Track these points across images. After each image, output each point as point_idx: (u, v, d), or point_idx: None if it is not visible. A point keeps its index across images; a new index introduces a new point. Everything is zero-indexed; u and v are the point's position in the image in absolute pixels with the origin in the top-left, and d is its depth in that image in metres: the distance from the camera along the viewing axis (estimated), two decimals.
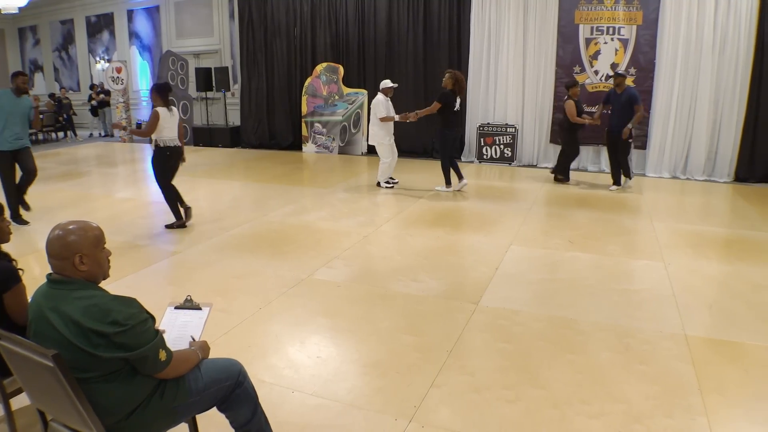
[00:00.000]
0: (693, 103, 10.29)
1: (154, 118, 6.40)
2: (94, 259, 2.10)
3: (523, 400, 3.18)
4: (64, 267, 2.05)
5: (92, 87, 17.30)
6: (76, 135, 16.85)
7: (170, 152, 6.65)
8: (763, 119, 9.88)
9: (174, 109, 6.70)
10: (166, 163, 6.68)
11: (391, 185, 9.15)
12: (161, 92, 6.54)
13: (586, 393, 3.25)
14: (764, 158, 10.02)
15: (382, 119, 8.89)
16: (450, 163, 8.84)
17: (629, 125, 8.84)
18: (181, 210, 6.80)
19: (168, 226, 6.73)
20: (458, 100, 8.63)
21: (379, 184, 9.20)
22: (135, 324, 1.99)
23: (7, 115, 6.66)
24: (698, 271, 5.40)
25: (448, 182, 8.85)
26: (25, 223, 6.86)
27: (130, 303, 2.06)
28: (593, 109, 10.04)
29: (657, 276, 5.24)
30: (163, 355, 2.09)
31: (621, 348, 3.82)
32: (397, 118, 8.94)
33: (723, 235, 6.79)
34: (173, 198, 6.76)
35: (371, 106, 9.03)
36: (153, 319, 2.13)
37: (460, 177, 8.83)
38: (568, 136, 9.60)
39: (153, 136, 6.53)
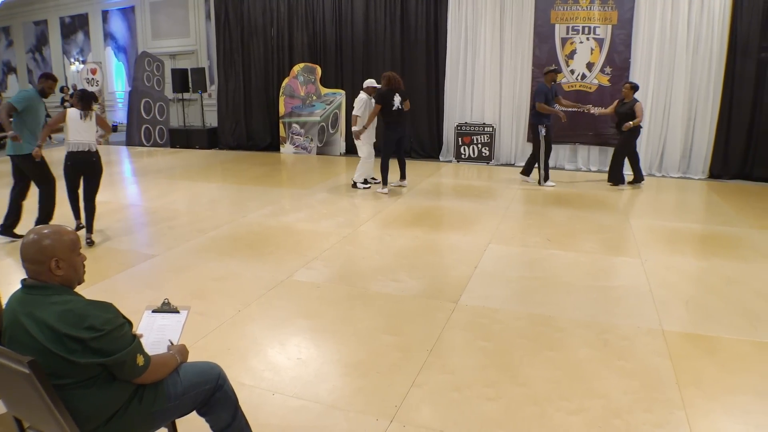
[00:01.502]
0: (668, 102, 10.44)
1: (59, 115, 6.12)
2: (70, 263, 2.07)
3: (503, 398, 3.19)
4: (39, 272, 2.01)
5: (62, 89, 17.05)
6: (50, 138, 16.59)
7: (72, 158, 6.13)
8: (736, 117, 10.07)
9: (93, 115, 6.23)
10: (67, 167, 6.21)
11: (368, 185, 9.12)
12: (82, 99, 6.18)
13: (566, 389, 3.27)
14: (738, 155, 10.20)
15: (353, 116, 8.87)
16: (384, 163, 8.77)
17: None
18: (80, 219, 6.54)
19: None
20: (397, 99, 8.56)
21: (355, 185, 9.16)
22: (111, 329, 1.97)
23: (35, 115, 6.30)
24: (674, 267, 5.47)
25: (384, 182, 8.80)
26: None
27: (107, 308, 2.03)
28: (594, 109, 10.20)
29: (634, 272, 5.30)
30: (140, 360, 2.06)
31: (599, 344, 3.85)
32: (354, 129, 8.90)
33: (698, 231, 6.88)
34: (75, 201, 6.45)
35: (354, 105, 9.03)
36: (130, 323, 2.10)
37: (385, 182, 8.78)
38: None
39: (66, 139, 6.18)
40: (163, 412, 2.19)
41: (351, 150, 12.83)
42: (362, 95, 8.93)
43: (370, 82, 9.04)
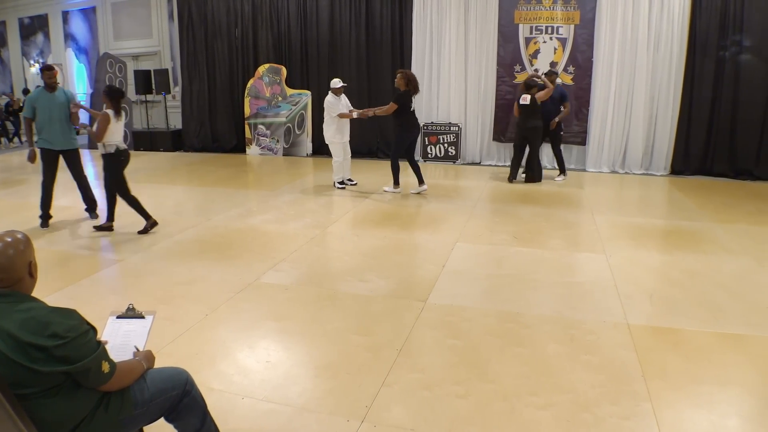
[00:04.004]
0: (630, 100, 10.62)
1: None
2: (36, 267, 2.07)
3: (473, 395, 3.21)
4: (13, 279, 1.97)
5: (26, 92, 16.65)
6: (10, 141, 16.22)
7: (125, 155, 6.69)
8: (696, 114, 10.30)
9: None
10: (121, 162, 6.68)
11: (344, 186, 9.09)
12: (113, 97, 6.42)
13: (535, 385, 3.30)
14: (698, 152, 10.44)
15: (340, 115, 8.84)
16: (395, 165, 8.74)
17: (556, 118, 9.47)
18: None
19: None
20: (413, 100, 8.54)
21: (335, 184, 9.17)
22: (75, 336, 1.92)
23: (44, 112, 6.66)
24: (638, 262, 5.56)
25: (396, 182, 8.82)
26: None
27: (70, 314, 1.99)
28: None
29: (599, 268, 5.37)
30: (106, 367, 2.02)
31: (566, 339, 3.90)
32: (355, 114, 8.86)
33: (661, 226, 7.02)
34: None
35: (324, 107, 8.97)
36: (94, 330, 2.06)
37: (397, 182, 8.78)
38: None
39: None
40: (131, 419, 2.16)
41: (318, 151, 12.80)
42: (329, 96, 8.88)
43: (334, 83, 8.93)
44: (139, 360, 2.28)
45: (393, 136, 8.89)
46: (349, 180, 9.35)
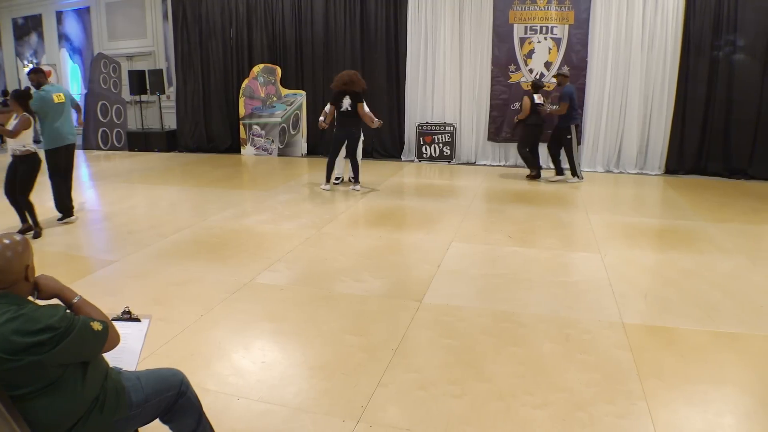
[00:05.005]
0: (624, 100, 10.66)
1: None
2: (34, 270, 2.07)
3: (469, 395, 3.21)
4: (9, 282, 1.96)
5: (4, 93, 16.50)
6: (2, 143, 16.14)
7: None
8: (690, 113, 10.33)
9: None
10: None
11: (338, 182, 9.13)
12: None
13: (530, 384, 3.31)
14: (693, 151, 10.47)
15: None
16: (329, 162, 8.97)
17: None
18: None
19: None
20: (346, 100, 8.62)
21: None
22: (68, 324, 1.93)
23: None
24: (633, 261, 5.57)
25: (328, 180, 9.00)
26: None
27: (56, 307, 2.00)
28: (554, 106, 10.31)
29: (594, 267, 5.38)
30: (97, 326, 2.04)
31: (562, 338, 3.90)
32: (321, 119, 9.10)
33: (655, 226, 7.03)
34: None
35: None
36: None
37: (327, 179, 8.99)
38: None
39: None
40: (126, 421, 2.15)
41: (312, 151, 12.80)
42: None
43: None
44: (77, 299, 2.23)
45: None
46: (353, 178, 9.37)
